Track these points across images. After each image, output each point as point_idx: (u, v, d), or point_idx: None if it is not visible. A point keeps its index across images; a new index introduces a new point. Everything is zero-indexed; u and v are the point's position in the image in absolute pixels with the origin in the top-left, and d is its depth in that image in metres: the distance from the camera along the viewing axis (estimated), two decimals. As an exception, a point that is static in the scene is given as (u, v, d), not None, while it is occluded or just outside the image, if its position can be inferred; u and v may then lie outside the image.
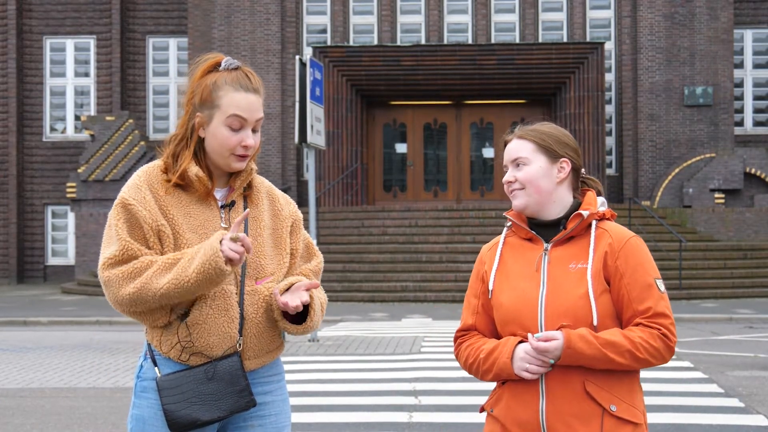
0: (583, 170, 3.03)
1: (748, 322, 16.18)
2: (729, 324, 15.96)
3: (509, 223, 3.05)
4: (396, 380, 9.70)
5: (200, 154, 2.99)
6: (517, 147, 2.97)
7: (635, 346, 2.78)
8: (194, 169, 2.95)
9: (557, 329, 2.82)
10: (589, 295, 2.82)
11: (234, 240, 2.81)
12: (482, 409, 3.05)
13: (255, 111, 2.97)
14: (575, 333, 2.78)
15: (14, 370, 10.89)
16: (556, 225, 2.96)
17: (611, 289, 2.85)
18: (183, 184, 2.97)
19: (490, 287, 2.97)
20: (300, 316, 3.03)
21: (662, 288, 2.86)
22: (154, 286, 2.83)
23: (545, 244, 2.94)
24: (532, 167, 2.94)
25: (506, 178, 2.97)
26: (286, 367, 10.63)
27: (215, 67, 3.00)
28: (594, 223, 2.91)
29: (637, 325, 2.83)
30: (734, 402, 8.50)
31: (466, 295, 3.08)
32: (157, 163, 3.02)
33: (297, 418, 7.68)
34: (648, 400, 8.43)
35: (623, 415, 2.82)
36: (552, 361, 2.79)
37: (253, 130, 2.99)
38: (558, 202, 2.96)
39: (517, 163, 2.96)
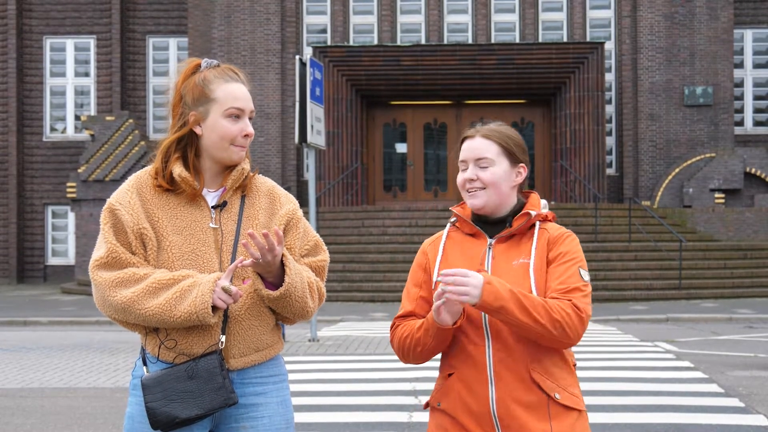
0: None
1: (748, 322, 16.18)
2: (729, 324, 15.95)
3: (453, 219, 3.11)
4: (396, 380, 9.70)
5: (190, 154, 3.01)
6: (483, 147, 3.01)
7: (548, 306, 2.83)
8: (178, 170, 2.98)
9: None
10: (532, 289, 2.89)
11: (226, 290, 2.86)
12: (427, 405, 3.08)
13: (249, 101, 3.04)
14: (495, 277, 2.85)
15: (14, 370, 10.89)
16: (500, 222, 3.03)
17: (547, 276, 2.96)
18: (170, 188, 3.00)
19: (435, 278, 3.00)
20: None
21: (585, 277, 2.94)
22: (140, 305, 2.89)
23: (489, 240, 3.01)
24: (497, 169, 2.99)
25: (467, 176, 3.00)
26: (286, 367, 10.63)
27: (196, 68, 3.05)
28: (537, 224, 3.00)
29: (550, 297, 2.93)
30: (734, 402, 8.50)
31: (406, 284, 3.12)
32: (149, 168, 3.06)
33: (297, 418, 7.68)
34: (648, 400, 8.45)
35: (567, 403, 2.90)
36: (470, 300, 2.76)
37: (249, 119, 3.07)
38: (509, 203, 3.04)
39: (481, 163, 3.00)
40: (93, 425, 7.80)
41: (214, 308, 2.89)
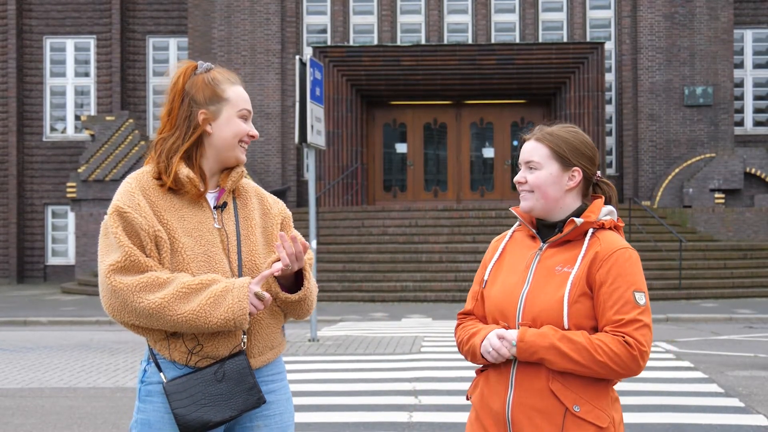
0: (598, 173, 3.06)
1: (748, 322, 16.18)
2: (729, 324, 15.95)
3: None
4: (396, 380, 9.70)
5: (194, 154, 3.01)
6: (532, 150, 3.00)
7: (593, 347, 2.80)
8: (185, 171, 2.96)
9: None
10: (564, 300, 2.86)
11: (258, 296, 2.88)
12: (468, 397, 3.13)
13: (250, 103, 3.10)
14: (532, 329, 2.85)
15: (14, 370, 10.89)
16: (556, 227, 3.01)
17: (593, 296, 2.89)
18: (175, 188, 2.98)
19: (485, 278, 3.05)
20: (295, 289, 3.06)
21: (641, 301, 2.84)
22: (171, 311, 2.84)
23: (541, 244, 3.00)
24: (542, 173, 2.97)
25: (517, 177, 3.01)
26: (286, 367, 10.62)
27: (193, 71, 3.07)
28: (590, 231, 2.94)
29: (603, 333, 2.86)
30: (734, 402, 8.50)
31: (474, 279, 3.17)
32: (147, 169, 3.02)
33: (297, 417, 7.67)
34: (648, 400, 8.45)
35: (586, 417, 2.86)
36: (512, 354, 2.86)
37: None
38: (564, 208, 3.00)
39: (530, 165, 2.99)
40: (93, 425, 7.80)
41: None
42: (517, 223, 3.13)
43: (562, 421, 2.85)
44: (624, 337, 2.80)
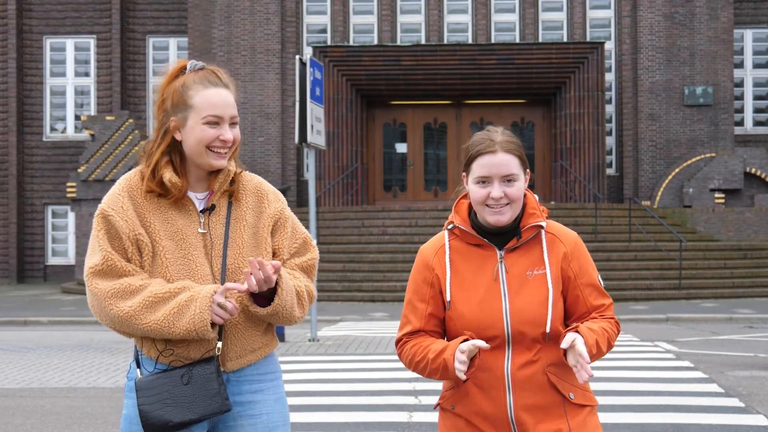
0: None
1: (748, 322, 16.18)
2: (729, 324, 15.95)
3: (450, 226, 3.01)
4: (396, 380, 9.70)
5: (176, 158, 2.99)
6: (509, 162, 2.93)
7: (608, 335, 2.92)
8: (168, 175, 2.96)
9: (567, 332, 2.84)
10: (548, 301, 2.88)
11: (222, 306, 2.87)
12: (438, 406, 3.06)
13: (228, 106, 2.98)
14: (583, 327, 2.85)
15: (14, 370, 10.89)
16: (504, 232, 2.94)
17: (565, 290, 2.95)
18: (161, 192, 2.98)
19: (448, 298, 2.94)
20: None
21: (603, 283, 3.05)
22: (138, 320, 2.89)
23: (498, 252, 2.94)
24: (520, 184, 2.96)
25: (495, 194, 2.90)
26: (286, 367, 10.63)
27: (182, 71, 3.02)
28: (543, 229, 2.97)
29: (593, 318, 2.96)
30: (734, 402, 8.50)
31: (408, 298, 3.02)
32: (140, 168, 3.04)
33: (297, 418, 7.68)
34: (648, 400, 8.45)
35: (581, 401, 2.96)
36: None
37: (231, 125, 3.00)
38: None
39: (508, 178, 2.92)
40: (93, 425, 7.80)
41: (213, 323, 2.91)
42: (446, 231, 3.01)
43: (564, 410, 2.92)
44: (613, 319, 3.00)
